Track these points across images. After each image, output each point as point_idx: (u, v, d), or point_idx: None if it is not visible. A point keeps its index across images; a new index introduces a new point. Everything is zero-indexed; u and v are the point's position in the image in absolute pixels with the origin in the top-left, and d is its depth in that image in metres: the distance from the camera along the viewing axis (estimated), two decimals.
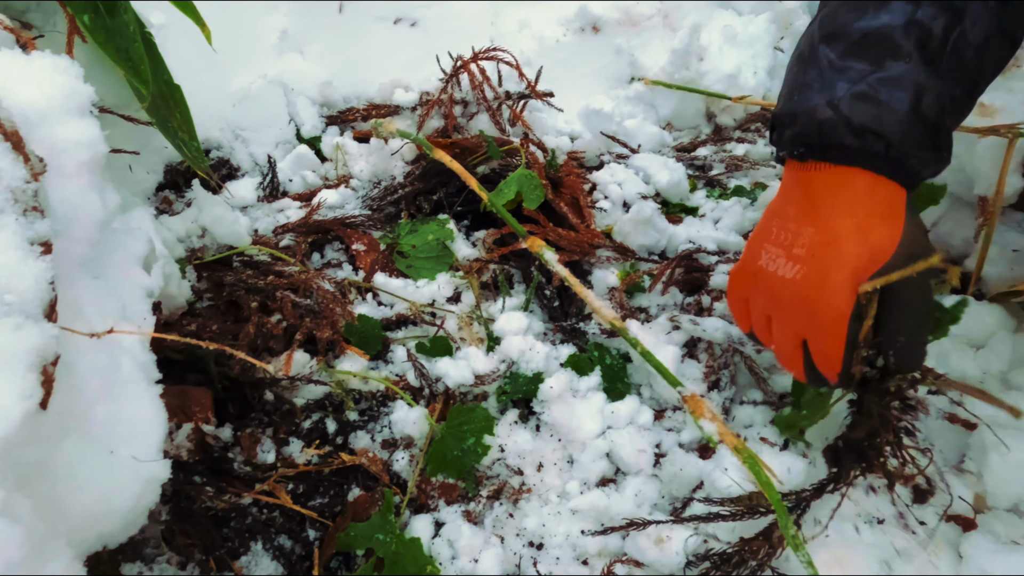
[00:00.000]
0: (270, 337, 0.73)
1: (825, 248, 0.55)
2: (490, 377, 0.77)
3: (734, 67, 1.12)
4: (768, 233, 0.60)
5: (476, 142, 1.00)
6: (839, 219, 0.55)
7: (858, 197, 0.55)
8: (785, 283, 0.57)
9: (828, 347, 0.56)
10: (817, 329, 0.56)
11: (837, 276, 0.54)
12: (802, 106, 0.55)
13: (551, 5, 1.21)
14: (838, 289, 0.54)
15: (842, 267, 0.54)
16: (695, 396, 0.51)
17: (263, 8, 1.06)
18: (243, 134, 1.02)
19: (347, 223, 0.91)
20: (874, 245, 0.54)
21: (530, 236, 0.73)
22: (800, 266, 0.56)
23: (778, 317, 0.59)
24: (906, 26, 0.52)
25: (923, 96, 0.52)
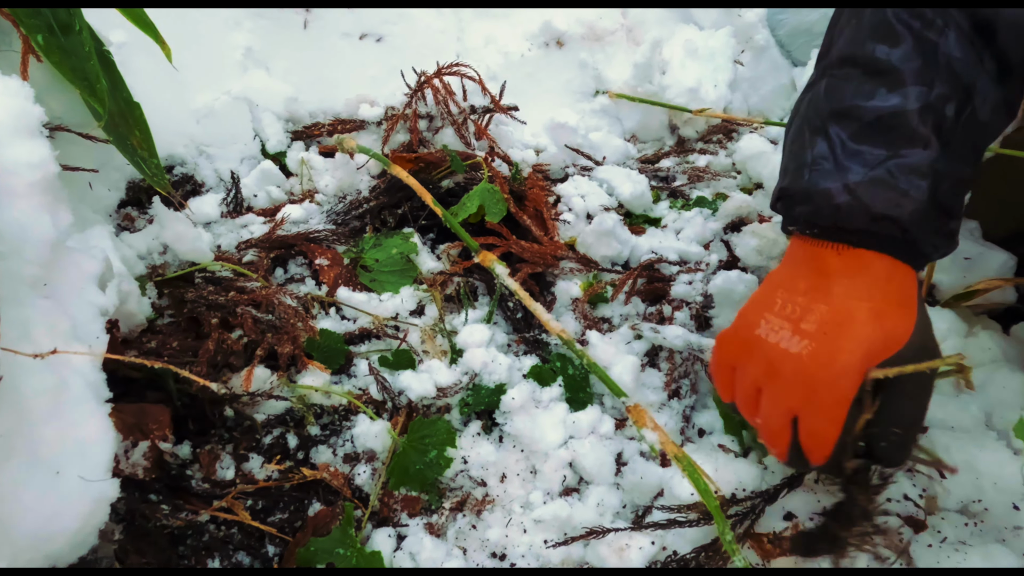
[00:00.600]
0: (230, 353, 0.73)
1: (839, 328, 0.53)
2: (453, 389, 0.78)
3: (695, 80, 1.14)
4: (771, 304, 0.57)
5: (440, 156, 1.01)
6: (856, 301, 0.53)
7: (876, 282, 0.54)
8: (788, 356, 0.54)
9: (823, 430, 0.54)
10: (815, 409, 0.53)
11: (848, 358, 0.52)
12: (817, 187, 0.54)
13: (516, 21, 1.23)
14: (847, 371, 0.52)
15: (855, 349, 0.52)
16: (638, 406, 0.52)
17: (227, 25, 1.06)
18: (208, 150, 1.02)
19: (311, 238, 0.91)
20: (889, 332, 0.53)
21: (482, 250, 0.74)
22: (808, 342, 0.53)
23: (772, 391, 0.56)
24: (922, 111, 0.51)
25: (940, 183, 0.52)
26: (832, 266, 0.55)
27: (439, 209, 0.78)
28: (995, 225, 0.87)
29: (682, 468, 0.48)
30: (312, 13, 1.14)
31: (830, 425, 0.53)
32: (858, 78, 0.54)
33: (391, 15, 1.19)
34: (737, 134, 1.17)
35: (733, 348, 0.60)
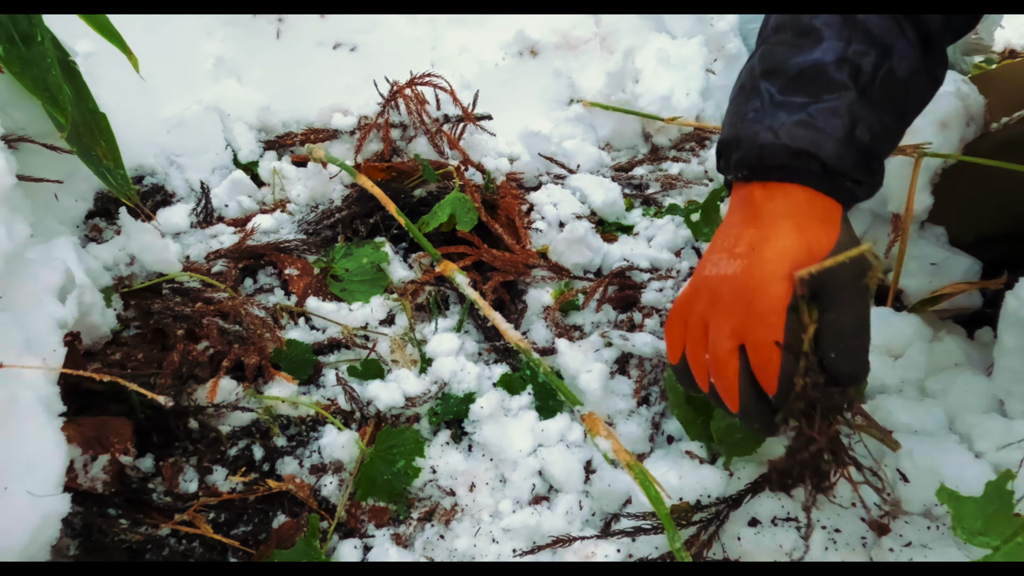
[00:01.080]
0: (196, 365, 0.73)
1: (764, 242, 0.57)
2: (421, 399, 0.77)
3: (667, 89, 1.15)
4: (713, 247, 0.62)
5: (413, 165, 1.01)
6: (779, 219, 0.57)
7: (798, 204, 0.57)
8: (724, 279, 0.58)
9: (764, 336, 0.55)
10: (755, 320, 0.55)
11: (774, 266, 0.55)
12: (746, 132, 0.58)
13: (490, 29, 1.24)
14: (775, 277, 0.55)
15: (780, 258, 0.55)
16: (592, 415, 0.52)
17: (198, 35, 1.06)
18: (178, 160, 1.01)
19: (281, 248, 0.91)
20: (812, 242, 0.56)
21: (443, 260, 0.74)
22: (741, 261, 0.57)
23: (715, 318, 0.58)
24: (839, 62, 0.56)
25: (857, 124, 0.56)
26: (758, 198, 0.59)
27: (403, 219, 0.78)
28: (961, 230, 0.88)
29: (634, 476, 0.48)
30: (285, 22, 1.14)
31: (770, 331, 0.54)
32: (788, 41, 0.59)
33: (365, 24, 1.19)
34: (709, 142, 1.18)
35: (684, 302, 0.62)
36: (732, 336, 0.57)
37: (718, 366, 0.57)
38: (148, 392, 0.47)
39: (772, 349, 0.54)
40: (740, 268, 0.57)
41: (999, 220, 0.84)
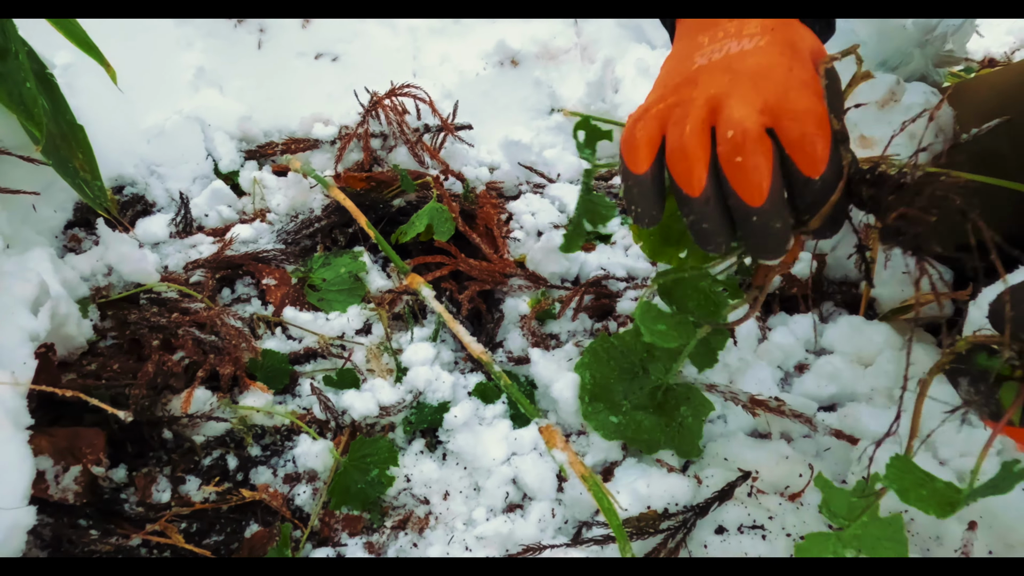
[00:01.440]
0: (171, 375, 0.73)
1: (784, 25, 0.52)
2: (396, 408, 0.78)
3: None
4: (694, 49, 0.53)
5: (392, 176, 1.02)
6: (776, 22, 0.53)
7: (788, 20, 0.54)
8: (745, 54, 0.50)
9: (814, 104, 0.47)
10: (798, 89, 0.48)
11: (803, 42, 0.51)
12: None
13: (471, 40, 1.25)
14: (805, 53, 0.50)
15: (803, 39, 0.51)
16: (549, 427, 0.53)
17: (178, 46, 1.07)
18: (158, 170, 1.02)
19: (259, 257, 0.91)
20: (816, 41, 0.53)
21: (411, 274, 0.75)
22: (759, 37, 0.51)
23: (737, 92, 0.49)
24: None
25: None
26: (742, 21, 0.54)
27: (372, 232, 0.79)
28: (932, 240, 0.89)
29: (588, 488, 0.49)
30: (267, 32, 1.15)
31: (820, 100, 0.48)
32: None
33: (346, 34, 1.20)
34: None
35: (657, 96, 0.52)
36: (765, 111, 0.47)
37: (748, 143, 0.46)
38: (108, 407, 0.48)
39: (823, 116, 0.47)
40: (765, 42, 0.50)
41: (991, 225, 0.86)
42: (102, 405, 0.48)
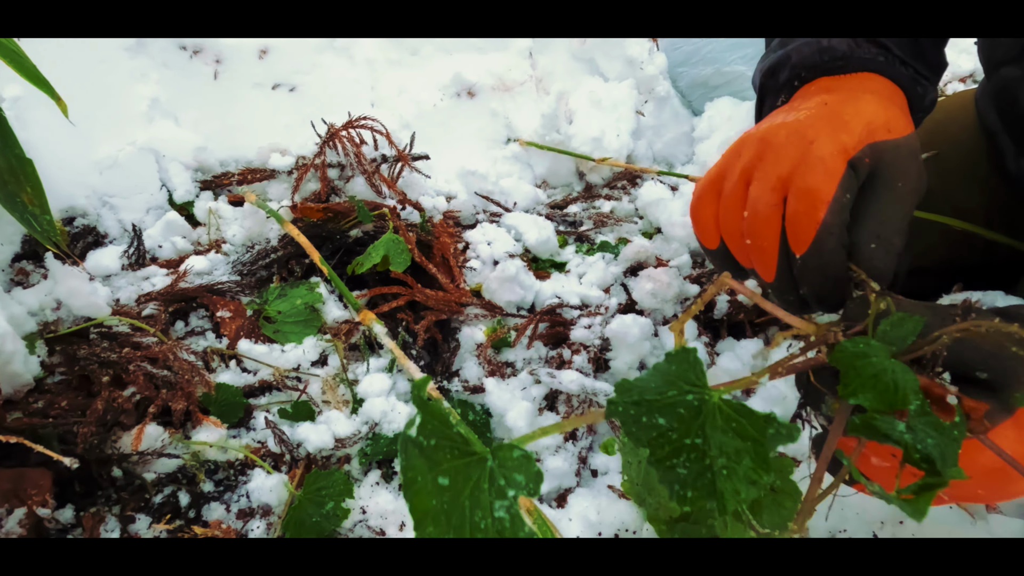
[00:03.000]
0: (121, 411, 0.73)
1: (843, 102, 0.50)
2: (352, 439, 0.78)
3: (599, 130, 1.20)
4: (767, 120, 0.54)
5: (349, 206, 1.02)
6: (858, 91, 0.52)
7: (875, 84, 0.54)
8: (781, 125, 0.50)
9: (818, 182, 0.47)
10: (810, 163, 0.47)
11: (851, 119, 0.49)
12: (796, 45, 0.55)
13: (427, 71, 1.27)
14: (847, 126, 0.48)
15: (858, 114, 0.49)
16: None
17: (132, 77, 1.06)
18: (111, 201, 1.01)
19: (214, 289, 0.91)
20: (892, 118, 0.51)
21: (362, 309, 0.76)
22: (807, 111, 0.50)
23: (762, 166, 0.50)
24: None
25: None
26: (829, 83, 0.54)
27: (325, 268, 0.80)
28: None
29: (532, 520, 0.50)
30: (222, 64, 1.16)
31: (826, 179, 0.47)
32: None
33: (303, 65, 1.21)
34: (640, 180, 1.23)
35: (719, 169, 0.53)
36: (778, 187, 0.48)
37: (756, 223, 0.49)
38: (53, 453, 0.48)
39: (820, 198, 0.46)
40: (805, 115, 0.50)
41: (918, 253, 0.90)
42: (47, 451, 0.47)
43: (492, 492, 0.32)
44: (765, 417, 0.33)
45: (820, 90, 0.54)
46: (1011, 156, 0.78)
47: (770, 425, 0.33)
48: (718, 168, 0.54)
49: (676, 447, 0.33)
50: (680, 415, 0.33)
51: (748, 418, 0.33)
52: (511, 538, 0.31)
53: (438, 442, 0.33)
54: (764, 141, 0.51)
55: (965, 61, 1.71)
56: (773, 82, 0.58)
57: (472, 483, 0.32)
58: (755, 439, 0.32)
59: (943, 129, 0.96)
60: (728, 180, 0.52)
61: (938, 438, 0.35)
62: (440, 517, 0.32)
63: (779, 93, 0.58)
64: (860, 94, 0.52)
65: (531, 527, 0.31)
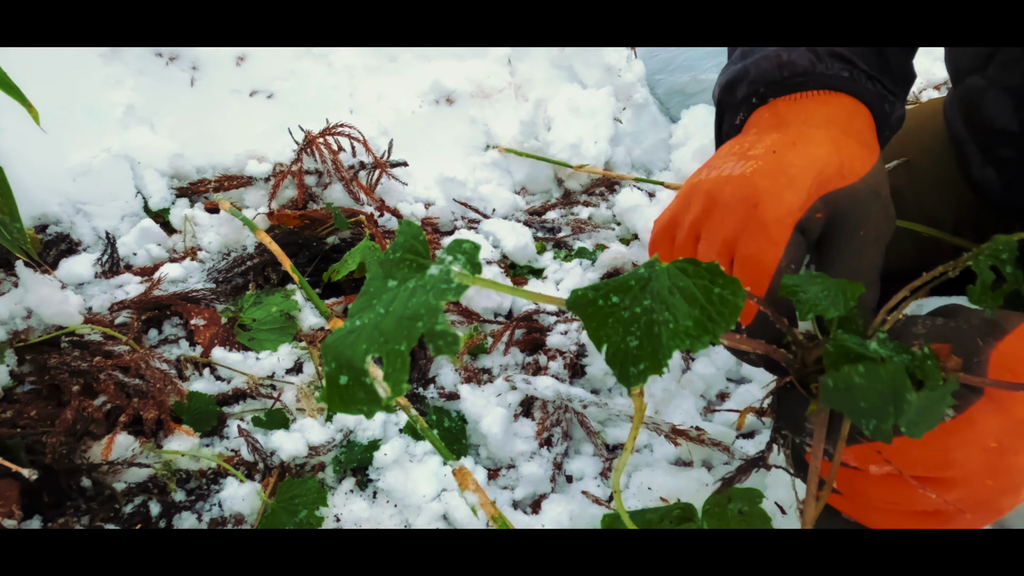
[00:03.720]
0: (91, 421, 0.72)
1: (790, 147, 0.47)
2: (326, 447, 0.78)
3: (577, 137, 1.21)
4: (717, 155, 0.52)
5: (326, 213, 1.02)
6: (813, 128, 0.49)
7: (836, 117, 0.50)
8: (727, 180, 0.47)
9: (761, 251, 0.45)
10: (754, 229, 0.45)
11: (799, 172, 0.46)
12: (755, 58, 0.52)
13: (406, 78, 1.27)
14: (794, 183, 0.45)
15: (807, 165, 0.46)
16: (462, 469, 0.55)
17: (107, 83, 1.06)
18: (85, 208, 1.00)
19: (188, 297, 0.90)
20: (845, 160, 0.47)
21: (333, 318, 0.76)
22: (755, 162, 0.47)
23: (707, 226, 0.48)
24: None
25: None
26: (785, 108, 0.51)
27: (296, 276, 0.79)
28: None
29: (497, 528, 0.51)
30: (199, 71, 1.15)
31: (769, 247, 0.44)
32: None
33: (281, 72, 1.21)
34: (619, 187, 1.24)
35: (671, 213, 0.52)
36: (723, 251, 0.47)
37: None
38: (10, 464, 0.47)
39: (767, 267, 0.44)
40: (751, 169, 0.47)
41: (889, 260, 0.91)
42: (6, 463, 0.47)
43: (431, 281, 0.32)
44: (709, 268, 0.32)
45: (773, 122, 0.51)
46: (977, 164, 0.80)
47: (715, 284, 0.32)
48: (671, 214, 0.53)
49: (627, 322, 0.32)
50: (631, 287, 0.33)
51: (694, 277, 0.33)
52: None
53: (402, 255, 0.34)
54: (711, 197, 0.48)
55: (940, 69, 1.74)
56: (731, 98, 0.56)
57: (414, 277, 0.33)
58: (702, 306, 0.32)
59: (914, 136, 0.97)
60: (680, 230, 0.51)
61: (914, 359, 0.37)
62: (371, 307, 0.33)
63: (737, 110, 0.55)
64: (812, 131, 0.49)
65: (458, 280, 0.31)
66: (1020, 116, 0.67)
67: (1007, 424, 0.40)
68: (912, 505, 0.42)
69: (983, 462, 0.40)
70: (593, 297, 0.33)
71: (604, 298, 0.33)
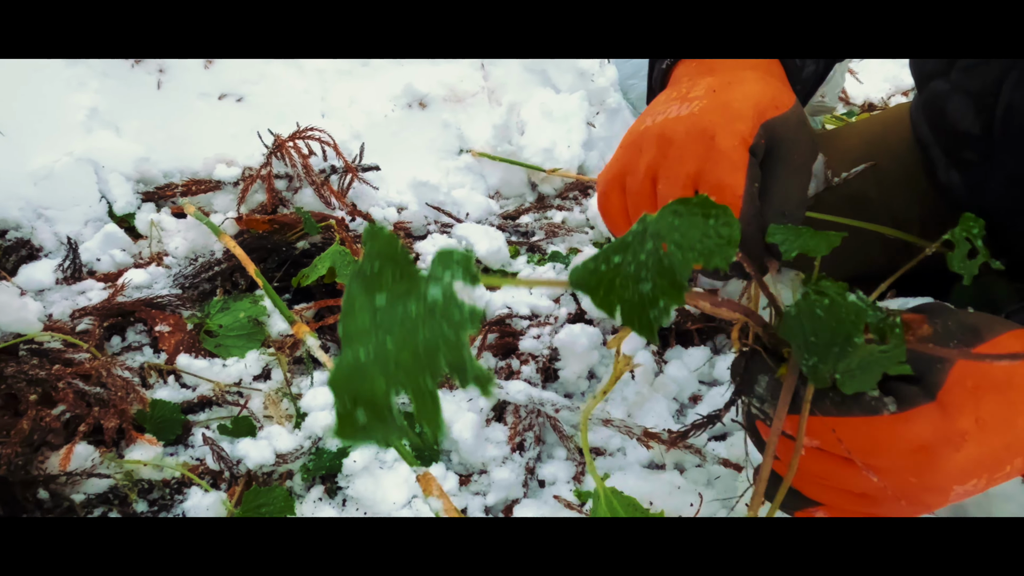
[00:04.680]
0: (49, 431, 0.70)
1: (727, 85, 0.52)
2: (294, 455, 0.77)
3: (550, 141, 1.21)
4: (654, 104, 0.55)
5: (296, 218, 1.01)
6: (739, 69, 0.54)
7: (757, 63, 0.55)
8: (679, 119, 0.52)
9: (727, 177, 0.49)
10: (716, 159, 0.49)
11: (741, 104, 0.51)
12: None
13: (379, 82, 1.26)
14: (742, 114, 0.50)
15: (746, 98, 0.51)
16: (427, 474, 0.54)
17: (69, 87, 1.03)
18: (47, 213, 0.98)
19: (153, 303, 0.89)
20: (775, 93, 0.53)
21: (297, 323, 0.75)
22: (699, 101, 0.52)
23: (666, 166, 0.52)
24: None
25: None
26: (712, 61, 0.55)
27: (261, 280, 0.78)
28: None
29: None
30: (166, 73, 1.13)
31: (733, 172, 0.49)
32: None
33: (251, 75, 1.19)
34: (592, 191, 1.24)
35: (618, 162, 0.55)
36: (688, 184, 0.51)
37: None
38: None
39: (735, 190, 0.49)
40: (698, 107, 0.52)
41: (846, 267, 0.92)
42: None
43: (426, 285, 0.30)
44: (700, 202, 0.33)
45: (702, 69, 0.55)
46: (942, 168, 0.81)
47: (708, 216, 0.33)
48: (619, 164, 0.55)
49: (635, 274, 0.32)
50: (628, 243, 0.33)
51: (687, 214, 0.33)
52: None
53: (381, 266, 0.32)
54: (664, 138, 0.52)
55: (907, 75, 1.77)
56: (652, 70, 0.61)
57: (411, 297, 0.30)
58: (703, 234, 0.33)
59: (881, 140, 0.98)
60: (633, 176, 0.54)
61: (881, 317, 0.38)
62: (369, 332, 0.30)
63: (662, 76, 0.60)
64: (742, 73, 0.54)
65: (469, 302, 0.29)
66: (982, 120, 0.68)
67: (945, 431, 0.40)
68: (840, 483, 0.43)
69: (909, 461, 0.40)
70: (594, 266, 0.33)
71: (606, 262, 0.33)
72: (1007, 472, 0.42)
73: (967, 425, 0.39)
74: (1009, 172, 0.68)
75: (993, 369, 0.40)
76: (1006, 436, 0.37)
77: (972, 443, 0.39)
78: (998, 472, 0.41)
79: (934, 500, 0.43)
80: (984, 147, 0.70)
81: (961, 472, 0.40)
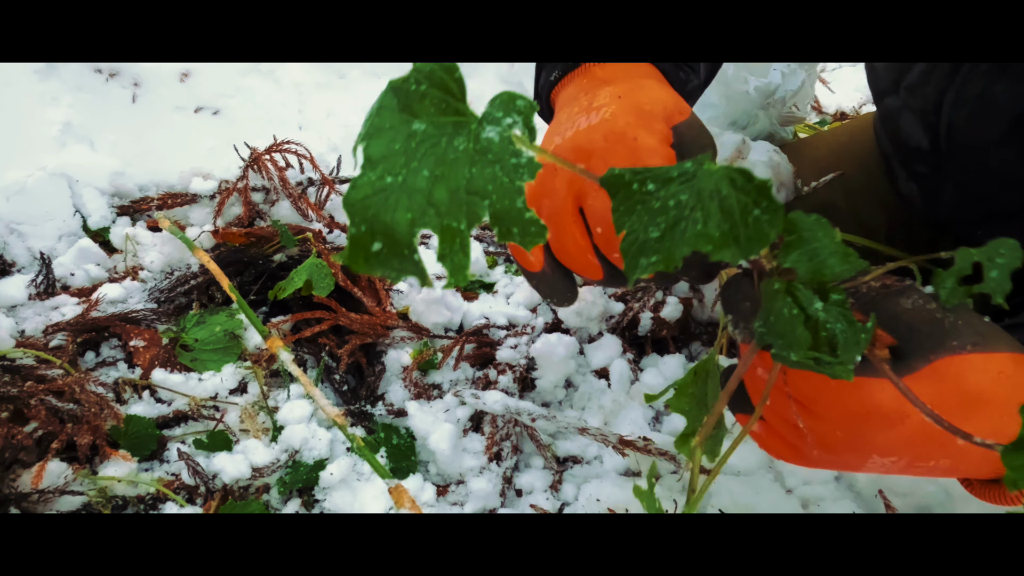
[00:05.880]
0: (21, 448, 0.69)
1: (633, 91, 0.51)
2: (270, 468, 0.77)
3: None
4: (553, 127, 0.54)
5: (272, 231, 1.01)
6: (638, 79, 0.53)
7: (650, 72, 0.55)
8: (593, 128, 0.49)
9: None
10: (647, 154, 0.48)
11: (650, 108, 0.50)
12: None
13: (356, 94, 1.27)
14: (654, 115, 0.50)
15: (654, 101, 0.51)
16: (399, 487, 0.55)
17: (42, 100, 1.03)
18: (19, 228, 0.97)
19: (128, 318, 0.88)
20: (678, 98, 0.53)
21: (270, 336, 0.75)
22: (607, 108, 0.50)
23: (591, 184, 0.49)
24: None
25: None
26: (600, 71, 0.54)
27: (235, 295, 0.78)
28: None
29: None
30: (141, 87, 1.13)
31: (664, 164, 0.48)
32: None
33: (228, 88, 1.19)
34: None
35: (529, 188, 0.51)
36: None
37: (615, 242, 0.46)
38: None
39: None
40: (609, 114, 0.50)
41: None
42: None
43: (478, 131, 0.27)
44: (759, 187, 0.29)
45: (595, 82, 0.54)
46: (902, 179, 0.83)
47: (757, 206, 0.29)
48: (530, 189, 0.52)
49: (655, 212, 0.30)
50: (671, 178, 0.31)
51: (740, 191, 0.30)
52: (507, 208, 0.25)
53: (427, 89, 0.28)
54: (581, 150, 0.49)
55: None
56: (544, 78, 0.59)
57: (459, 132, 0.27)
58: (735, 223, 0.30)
59: (848, 150, 1.01)
60: (550, 198, 0.50)
61: (848, 329, 0.35)
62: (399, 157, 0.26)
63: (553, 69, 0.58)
64: (640, 80, 0.53)
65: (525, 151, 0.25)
66: (929, 135, 0.70)
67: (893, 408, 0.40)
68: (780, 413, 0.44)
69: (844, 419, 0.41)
70: (629, 179, 0.31)
71: (640, 183, 0.31)
72: (930, 467, 0.42)
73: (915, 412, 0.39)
74: (957, 184, 0.71)
75: (973, 377, 0.40)
76: (945, 435, 0.37)
77: (911, 426, 0.40)
78: (921, 462, 0.42)
79: (851, 461, 0.43)
80: (934, 160, 0.72)
81: (887, 445, 0.41)
